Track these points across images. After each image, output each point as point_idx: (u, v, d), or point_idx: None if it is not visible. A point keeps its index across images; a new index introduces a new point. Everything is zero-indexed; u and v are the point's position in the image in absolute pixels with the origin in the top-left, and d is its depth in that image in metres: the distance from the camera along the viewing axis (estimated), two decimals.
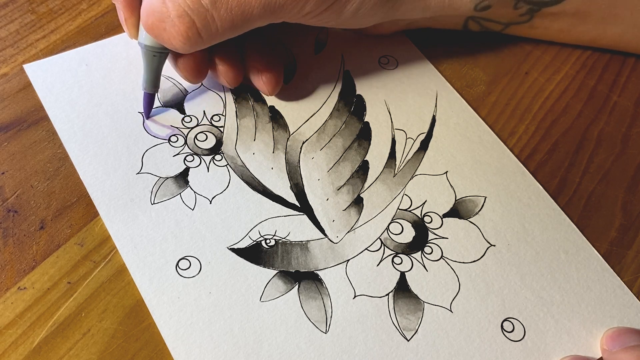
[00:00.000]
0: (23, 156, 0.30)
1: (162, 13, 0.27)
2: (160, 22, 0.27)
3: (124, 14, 0.29)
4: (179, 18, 0.26)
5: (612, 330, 0.27)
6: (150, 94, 0.31)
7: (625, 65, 0.38)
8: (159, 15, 0.27)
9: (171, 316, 0.26)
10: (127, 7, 0.29)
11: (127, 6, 0.29)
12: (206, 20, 0.27)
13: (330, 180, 0.31)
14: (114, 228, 0.28)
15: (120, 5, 0.29)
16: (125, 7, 0.29)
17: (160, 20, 0.27)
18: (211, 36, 0.27)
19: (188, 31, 0.27)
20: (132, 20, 0.29)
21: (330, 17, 0.30)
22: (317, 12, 0.29)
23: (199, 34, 0.27)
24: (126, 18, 0.29)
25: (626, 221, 0.32)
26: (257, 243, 0.29)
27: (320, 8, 0.29)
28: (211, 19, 0.27)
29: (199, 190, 0.30)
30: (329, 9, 0.29)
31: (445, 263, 0.29)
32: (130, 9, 0.29)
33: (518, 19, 0.36)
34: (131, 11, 0.29)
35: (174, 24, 0.27)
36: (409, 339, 0.27)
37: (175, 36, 0.27)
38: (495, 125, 0.35)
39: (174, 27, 0.27)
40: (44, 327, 0.25)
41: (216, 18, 0.27)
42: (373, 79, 0.36)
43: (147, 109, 0.32)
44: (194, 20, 0.27)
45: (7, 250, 0.27)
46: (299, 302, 0.27)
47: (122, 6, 0.29)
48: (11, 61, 0.34)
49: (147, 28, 0.28)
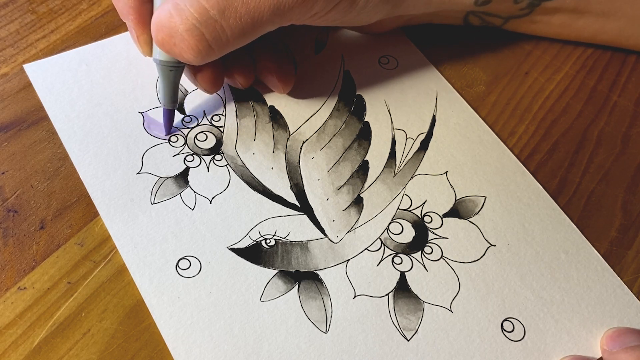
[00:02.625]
0: (23, 156, 0.30)
1: (170, 28, 0.26)
2: (170, 38, 0.26)
3: (135, 31, 0.29)
4: (188, 32, 0.26)
5: (612, 330, 0.27)
6: (170, 110, 0.31)
7: (625, 65, 0.38)
8: (168, 31, 0.26)
9: (171, 316, 0.26)
10: (138, 25, 0.29)
11: (138, 23, 0.29)
12: (216, 31, 0.26)
13: (330, 180, 0.31)
14: (114, 228, 0.28)
15: (132, 24, 0.29)
16: (137, 24, 0.29)
17: (170, 36, 0.26)
18: (222, 46, 0.27)
19: (198, 44, 0.26)
20: (144, 37, 0.29)
21: (336, 17, 0.30)
22: (324, 12, 0.29)
23: (210, 46, 0.26)
24: (138, 35, 0.29)
25: (626, 221, 0.32)
26: (257, 243, 0.29)
27: (328, 7, 0.29)
28: (221, 30, 0.26)
29: (199, 190, 0.30)
30: (335, 8, 0.29)
31: (445, 263, 0.29)
32: (141, 26, 0.29)
33: (518, 12, 0.36)
34: (142, 28, 0.29)
35: (184, 39, 0.26)
36: (409, 339, 0.27)
37: (186, 50, 0.26)
38: (495, 125, 0.35)
39: (183, 41, 0.26)
40: (44, 327, 0.25)
41: (226, 28, 0.26)
42: (373, 79, 0.36)
43: (167, 126, 0.31)
44: (203, 33, 0.26)
45: (7, 250, 0.27)
46: (299, 302, 0.27)
47: (134, 24, 0.29)
48: (11, 61, 0.34)
49: (158, 44, 0.27)
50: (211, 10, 0.26)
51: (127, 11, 0.29)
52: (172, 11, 0.26)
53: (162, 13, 0.26)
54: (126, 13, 0.29)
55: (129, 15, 0.29)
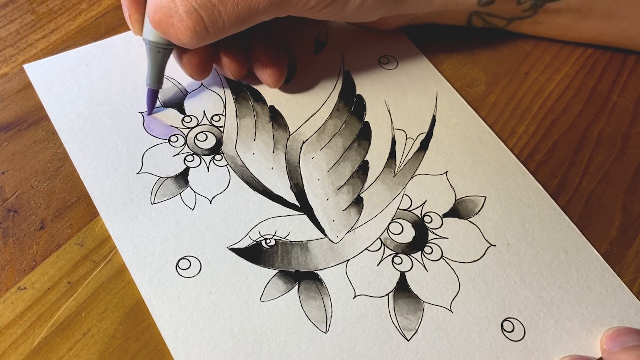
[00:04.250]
0: (23, 156, 0.30)
1: (169, 9, 0.27)
2: (168, 18, 0.27)
3: (128, 10, 0.30)
4: (187, 13, 0.27)
5: (611, 330, 0.27)
6: (154, 90, 0.31)
7: (625, 65, 0.38)
8: (166, 11, 0.27)
9: (171, 316, 0.26)
10: (131, 4, 0.29)
11: (131, 3, 0.29)
12: (213, 15, 0.27)
13: (330, 180, 0.31)
14: (114, 228, 0.28)
15: (125, 2, 0.29)
16: (130, 3, 0.29)
17: (168, 16, 0.27)
18: (218, 31, 0.28)
19: (196, 26, 0.27)
20: (136, 17, 0.30)
21: (334, 11, 0.30)
22: (321, 5, 0.29)
23: (207, 29, 0.27)
24: (131, 14, 0.30)
25: (626, 221, 0.32)
26: (257, 243, 0.29)
27: (326, 2, 0.29)
28: (218, 14, 0.27)
29: (199, 190, 0.30)
30: (333, 2, 0.29)
31: (445, 263, 0.29)
32: (135, 6, 0.29)
33: (521, 14, 0.36)
34: (136, 7, 0.29)
35: (182, 19, 0.27)
36: (409, 338, 0.27)
37: (183, 31, 0.27)
38: (495, 125, 0.35)
39: (181, 22, 0.27)
40: (44, 327, 0.25)
41: (223, 13, 0.27)
42: (373, 78, 0.36)
43: (150, 105, 0.32)
44: (201, 16, 0.27)
45: (7, 250, 0.27)
46: (299, 302, 0.27)
47: (127, 2, 0.29)
48: (11, 61, 0.34)
49: (154, 24, 0.28)
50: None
51: None
52: None
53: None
54: None
55: None
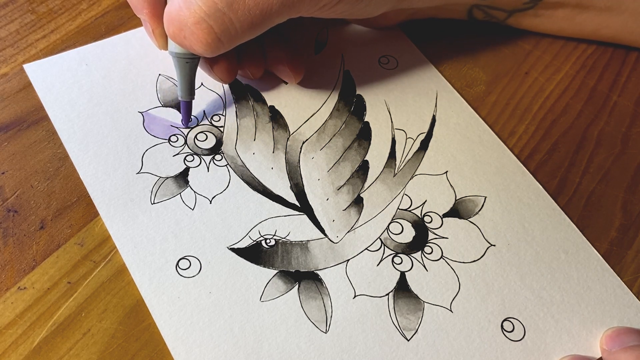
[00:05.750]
0: (23, 156, 0.30)
1: (180, 21, 0.26)
2: (180, 31, 0.26)
3: (151, 25, 0.29)
4: (196, 25, 0.26)
5: (611, 330, 0.27)
6: (187, 101, 0.31)
7: (625, 65, 0.38)
8: (177, 24, 0.26)
9: (171, 316, 0.26)
10: (152, 18, 0.29)
11: (152, 17, 0.29)
12: (224, 23, 0.26)
13: (330, 180, 0.31)
14: (114, 228, 0.28)
15: (146, 17, 0.29)
16: (151, 18, 0.29)
17: (180, 29, 0.26)
18: (231, 39, 0.27)
19: (207, 37, 0.26)
20: (159, 31, 0.29)
21: (344, 8, 0.30)
22: (333, 3, 0.29)
23: (219, 39, 0.27)
24: (154, 29, 0.29)
25: (626, 221, 0.32)
26: (257, 243, 0.29)
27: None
28: (229, 22, 0.26)
29: (199, 190, 0.30)
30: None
31: (445, 263, 0.29)
32: (156, 20, 0.29)
33: (522, 6, 0.36)
34: (157, 22, 0.29)
35: (192, 32, 0.26)
36: (409, 338, 0.27)
37: (195, 43, 0.27)
38: (495, 125, 0.35)
39: (192, 34, 0.26)
40: (44, 327, 0.25)
41: (234, 20, 0.26)
42: (373, 78, 0.36)
43: (185, 118, 0.32)
44: (211, 26, 0.26)
45: (7, 250, 0.27)
46: (299, 302, 0.27)
47: (148, 18, 0.29)
48: (11, 61, 0.34)
49: (171, 36, 0.27)
50: (219, 3, 0.26)
51: (142, 5, 0.29)
52: (181, 4, 0.26)
53: (172, 6, 0.27)
54: (140, 7, 0.29)
55: (143, 9, 0.29)
